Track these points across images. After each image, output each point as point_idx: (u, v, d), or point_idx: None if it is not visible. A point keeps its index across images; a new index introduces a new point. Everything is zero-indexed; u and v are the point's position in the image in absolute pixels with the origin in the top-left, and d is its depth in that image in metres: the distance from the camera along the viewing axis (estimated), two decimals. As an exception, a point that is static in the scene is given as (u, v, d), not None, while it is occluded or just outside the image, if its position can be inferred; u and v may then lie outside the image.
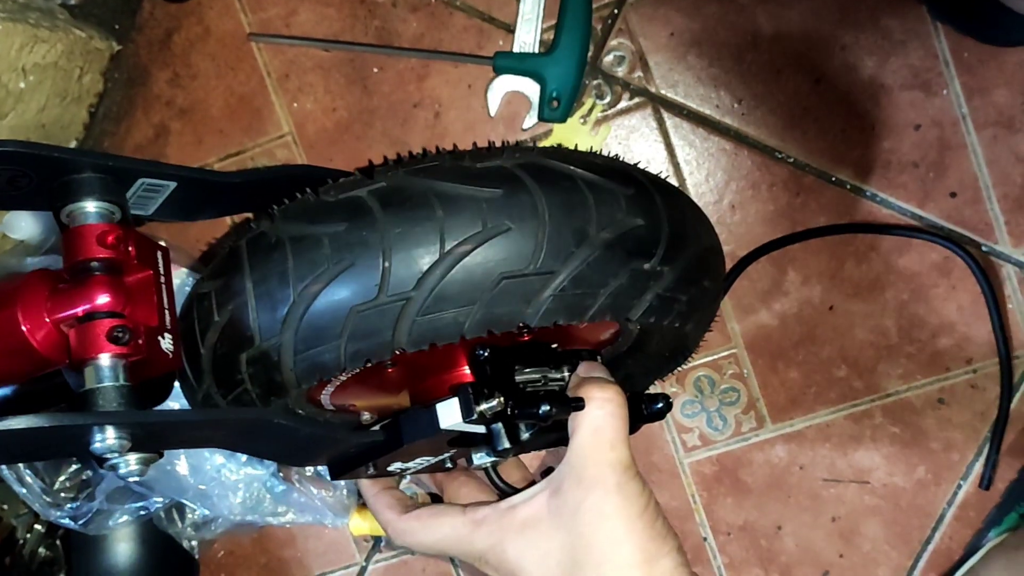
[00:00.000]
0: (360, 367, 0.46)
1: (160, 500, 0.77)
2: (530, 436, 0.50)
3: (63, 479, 0.76)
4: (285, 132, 0.81)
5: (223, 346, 0.49)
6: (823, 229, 0.78)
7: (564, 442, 0.50)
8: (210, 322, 0.49)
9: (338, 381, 0.53)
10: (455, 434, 0.51)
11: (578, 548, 0.48)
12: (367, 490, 0.60)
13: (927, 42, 0.75)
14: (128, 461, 0.45)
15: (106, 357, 0.45)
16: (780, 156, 0.78)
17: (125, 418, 0.44)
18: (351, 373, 0.51)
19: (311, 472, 0.79)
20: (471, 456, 0.56)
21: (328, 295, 0.45)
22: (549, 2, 0.76)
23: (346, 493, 0.79)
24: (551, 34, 0.77)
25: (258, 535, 0.87)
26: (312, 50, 0.80)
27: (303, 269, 0.45)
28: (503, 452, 0.50)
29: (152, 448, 0.46)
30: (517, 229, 0.44)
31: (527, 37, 0.77)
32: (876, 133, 0.77)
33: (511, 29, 0.78)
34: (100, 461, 0.44)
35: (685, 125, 0.78)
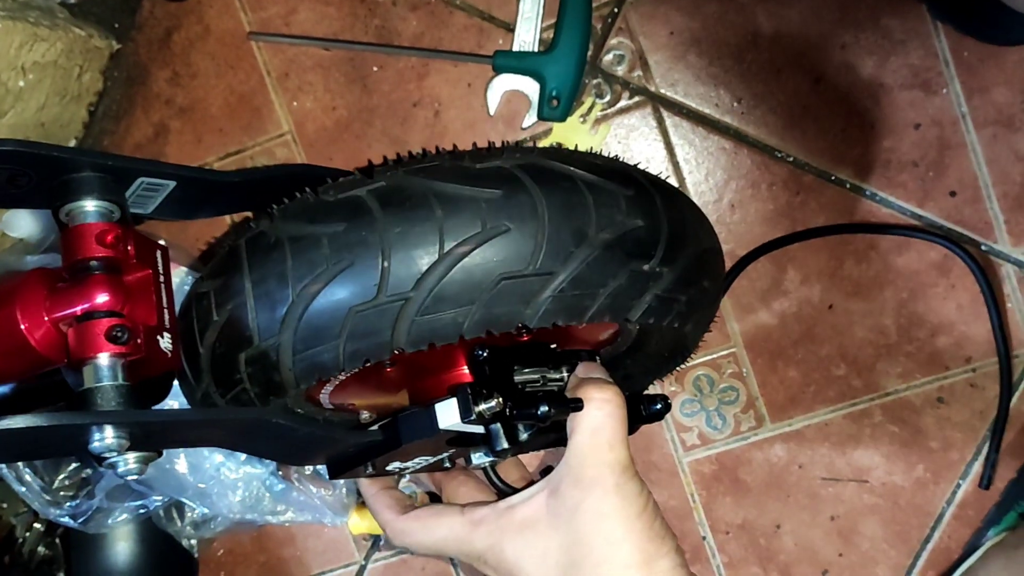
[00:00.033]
0: (359, 367, 0.46)
1: (159, 498, 0.77)
2: (529, 436, 0.50)
3: (62, 477, 0.76)
4: (285, 131, 0.81)
5: (222, 345, 0.49)
6: (823, 229, 0.78)
7: (563, 442, 0.50)
8: (209, 321, 0.49)
9: (337, 380, 0.53)
10: (453, 434, 0.51)
11: (576, 548, 0.48)
12: (366, 489, 0.60)
13: (927, 41, 0.75)
14: (127, 460, 0.45)
15: (105, 356, 0.45)
16: (780, 155, 0.78)
17: (124, 417, 0.44)
18: (350, 372, 0.51)
19: (310, 471, 0.79)
20: (470, 456, 0.56)
21: (327, 295, 0.45)
22: (549, 1, 0.76)
23: (345, 492, 0.79)
24: (551, 33, 0.76)
25: (257, 534, 0.87)
26: (312, 49, 0.80)
27: (302, 269, 0.45)
28: (501, 452, 0.50)
29: (151, 447, 0.46)
30: (516, 230, 0.44)
31: (527, 36, 0.77)
32: (876, 132, 0.77)
33: (511, 28, 0.78)
34: (99, 460, 0.44)
35: (685, 124, 0.78)
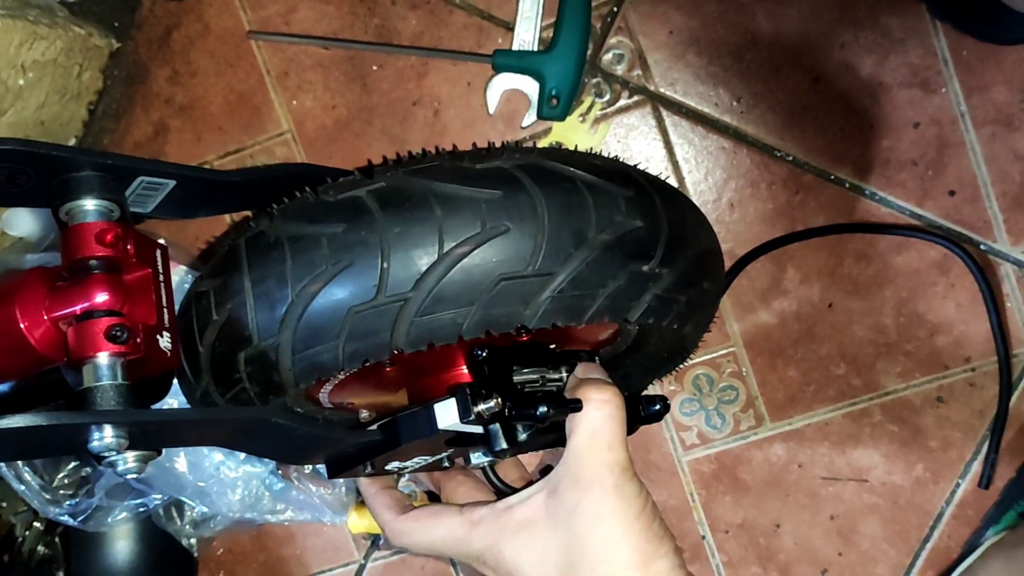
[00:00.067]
0: (358, 367, 0.46)
1: (159, 497, 0.77)
2: (528, 437, 0.50)
3: (62, 476, 0.76)
4: (284, 130, 0.81)
5: (221, 345, 0.49)
6: (822, 228, 0.78)
7: (562, 443, 0.50)
8: (208, 321, 0.49)
9: (336, 380, 0.53)
10: (452, 434, 0.51)
11: (575, 549, 0.48)
12: (365, 489, 0.60)
13: (926, 40, 0.75)
14: (126, 459, 0.45)
15: (104, 355, 0.45)
16: (779, 154, 0.78)
17: (123, 417, 0.43)
18: (349, 372, 0.51)
19: (310, 470, 0.79)
20: (469, 456, 0.56)
21: (326, 295, 0.45)
22: (548, 0, 0.76)
23: (345, 491, 0.79)
24: (550, 32, 0.76)
25: (257, 532, 0.87)
26: (311, 48, 0.80)
27: (301, 269, 0.45)
28: (500, 453, 0.50)
29: (150, 446, 0.46)
30: (516, 230, 0.44)
31: (526, 35, 0.77)
32: (875, 131, 0.77)
33: (510, 27, 0.78)
34: (98, 459, 0.44)
35: (684, 123, 0.78)
